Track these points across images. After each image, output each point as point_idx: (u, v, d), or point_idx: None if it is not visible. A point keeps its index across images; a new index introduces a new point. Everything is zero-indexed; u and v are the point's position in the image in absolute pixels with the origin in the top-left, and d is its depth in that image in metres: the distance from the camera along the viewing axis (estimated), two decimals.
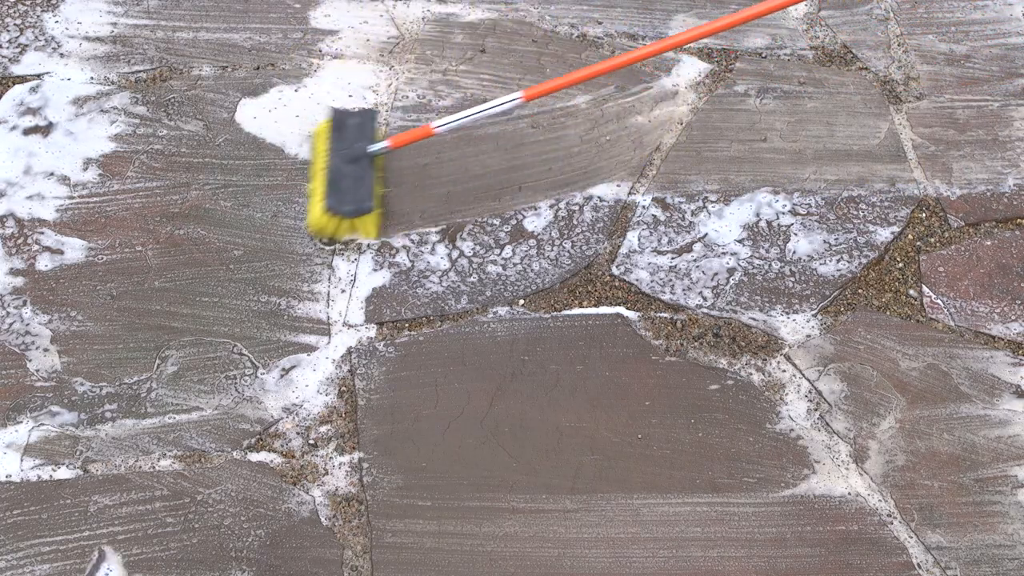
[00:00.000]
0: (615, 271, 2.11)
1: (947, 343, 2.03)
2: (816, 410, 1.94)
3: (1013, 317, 2.07)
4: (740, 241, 2.15)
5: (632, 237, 2.15)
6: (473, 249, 2.12)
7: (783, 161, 2.27)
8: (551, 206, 2.18)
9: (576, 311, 2.05)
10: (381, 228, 2.13)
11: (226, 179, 2.20)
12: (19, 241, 2.09)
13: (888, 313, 2.07)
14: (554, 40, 2.46)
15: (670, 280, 2.10)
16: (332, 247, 2.11)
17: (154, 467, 1.85)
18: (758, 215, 2.19)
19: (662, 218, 2.18)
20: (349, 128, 2.16)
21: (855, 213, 2.19)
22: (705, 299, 2.07)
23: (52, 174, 2.18)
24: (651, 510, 1.83)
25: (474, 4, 2.53)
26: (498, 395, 1.94)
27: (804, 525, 1.82)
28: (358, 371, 1.96)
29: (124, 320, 2.01)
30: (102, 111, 2.29)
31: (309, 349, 1.99)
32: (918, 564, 1.78)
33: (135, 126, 2.27)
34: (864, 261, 2.13)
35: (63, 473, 1.83)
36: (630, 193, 2.21)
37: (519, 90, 2.05)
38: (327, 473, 1.85)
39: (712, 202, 2.20)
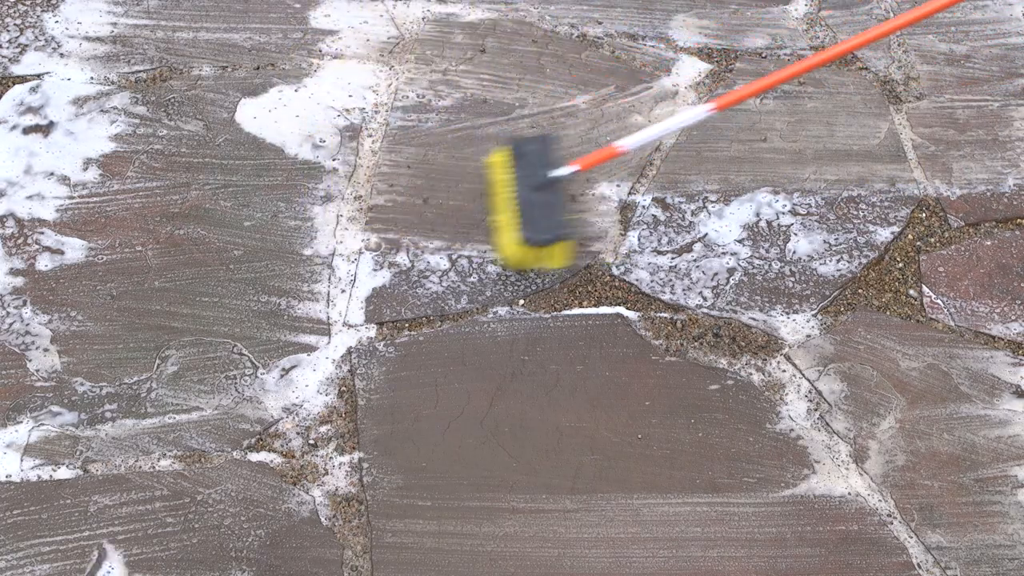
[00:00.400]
0: (615, 271, 2.11)
1: (947, 343, 2.03)
2: (816, 410, 1.94)
3: (1013, 317, 2.07)
4: (740, 241, 2.15)
5: (632, 237, 2.15)
6: (473, 248, 2.12)
7: (783, 161, 2.27)
8: None
9: (576, 311, 2.05)
10: (573, 254, 2.08)
11: (226, 179, 2.20)
12: (19, 241, 2.09)
13: (888, 313, 2.07)
14: (554, 40, 2.47)
15: (670, 280, 2.10)
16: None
17: (154, 467, 1.85)
18: (758, 215, 2.19)
19: (662, 218, 2.18)
20: (530, 155, 2.10)
21: (855, 213, 2.19)
22: (705, 299, 2.07)
23: (52, 174, 2.18)
24: (651, 510, 1.83)
25: (474, 4, 2.53)
26: (498, 395, 1.94)
27: (804, 525, 1.82)
28: (358, 371, 1.96)
29: (124, 320, 2.01)
30: (102, 111, 2.29)
31: (309, 349, 1.99)
32: (918, 564, 1.78)
33: (135, 126, 2.27)
34: (864, 261, 2.13)
35: (63, 473, 1.83)
36: (630, 193, 2.21)
37: (711, 101, 2.01)
38: (327, 473, 1.85)
39: (712, 202, 2.20)
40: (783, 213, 2.19)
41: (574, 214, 2.13)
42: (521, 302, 2.06)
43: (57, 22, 2.44)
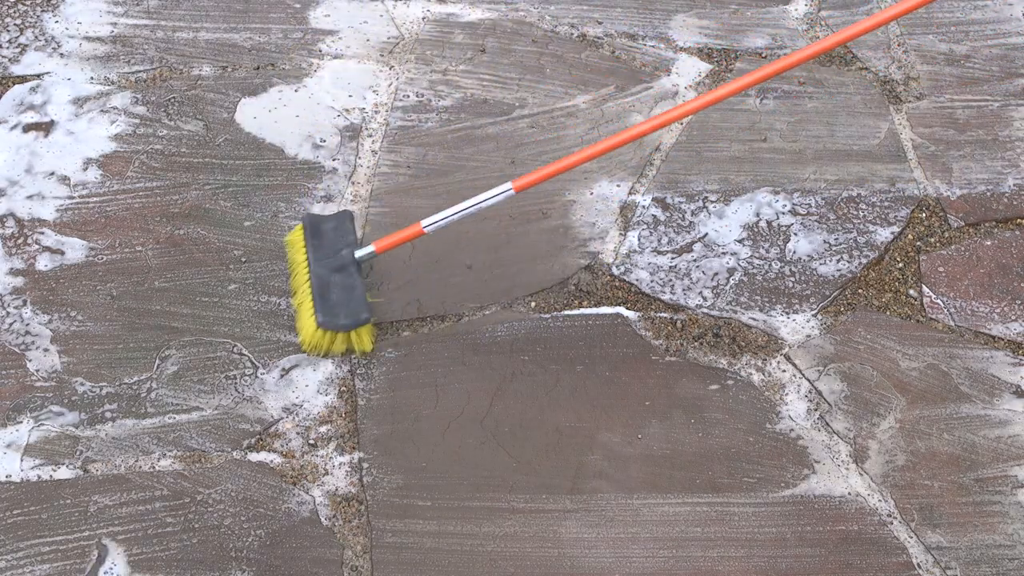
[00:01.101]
0: (615, 271, 2.11)
1: (947, 343, 2.03)
2: (816, 410, 1.94)
3: (1013, 317, 2.07)
4: (740, 241, 2.15)
5: (632, 237, 2.15)
6: None
7: (783, 161, 2.27)
8: None
9: (576, 311, 2.05)
10: (376, 337, 1.98)
11: (226, 179, 2.20)
12: (19, 241, 2.09)
13: (888, 313, 2.07)
14: (554, 40, 2.47)
15: (670, 280, 2.10)
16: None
17: (154, 467, 1.85)
18: (758, 215, 2.19)
19: (662, 218, 2.18)
20: (326, 233, 2.00)
21: (855, 213, 2.19)
22: (705, 299, 2.07)
23: (52, 174, 2.19)
24: (651, 510, 1.83)
25: (474, 4, 2.53)
26: (498, 395, 1.94)
27: (804, 525, 1.82)
28: (358, 371, 1.96)
29: (124, 320, 2.01)
30: (102, 111, 2.29)
31: None
32: (918, 564, 1.78)
33: (135, 126, 2.27)
34: (864, 261, 2.13)
35: (63, 473, 1.83)
36: (630, 193, 2.21)
37: (508, 182, 1.91)
38: (327, 473, 1.85)
39: (712, 202, 2.20)
40: (783, 213, 2.19)
41: (374, 297, 2.02)
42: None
43: (57, 22, 2.44)
